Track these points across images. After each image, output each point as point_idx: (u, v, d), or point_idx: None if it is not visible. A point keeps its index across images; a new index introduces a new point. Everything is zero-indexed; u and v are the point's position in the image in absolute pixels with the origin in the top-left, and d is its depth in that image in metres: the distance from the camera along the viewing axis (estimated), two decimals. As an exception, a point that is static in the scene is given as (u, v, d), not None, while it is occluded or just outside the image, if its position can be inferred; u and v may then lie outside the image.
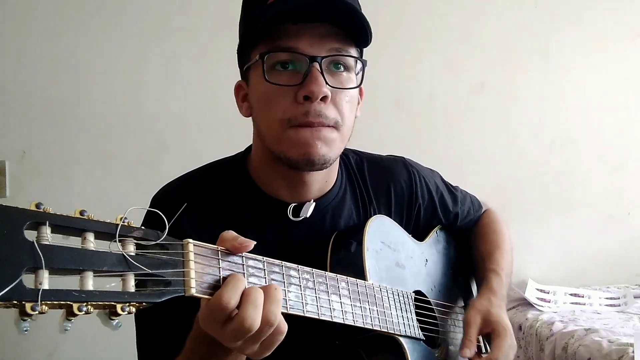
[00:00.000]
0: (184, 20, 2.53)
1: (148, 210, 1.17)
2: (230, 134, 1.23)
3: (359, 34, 1.08)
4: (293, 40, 1.04)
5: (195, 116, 2.52)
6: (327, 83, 1.05)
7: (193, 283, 0.74)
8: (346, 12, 1.04)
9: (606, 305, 2.49)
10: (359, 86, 1.13)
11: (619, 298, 2.54)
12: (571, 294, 2.56)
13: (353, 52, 1.10)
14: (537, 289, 2.59)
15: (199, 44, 2.52)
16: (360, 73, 1.13)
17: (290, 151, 1.07)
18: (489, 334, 1.25)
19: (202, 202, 1.16)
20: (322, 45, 1.05)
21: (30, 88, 2.43)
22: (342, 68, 1.09)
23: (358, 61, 1.11)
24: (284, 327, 0.84)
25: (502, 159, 2.76)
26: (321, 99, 1.04)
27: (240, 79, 1.19)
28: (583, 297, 2.55)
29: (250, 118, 1.16)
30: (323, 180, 1.20)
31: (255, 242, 0.85)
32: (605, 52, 2.83)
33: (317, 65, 1.04)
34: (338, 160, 1.21)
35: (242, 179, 1.20)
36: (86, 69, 2.46)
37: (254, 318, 0.79)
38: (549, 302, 2.51)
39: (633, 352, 1.76)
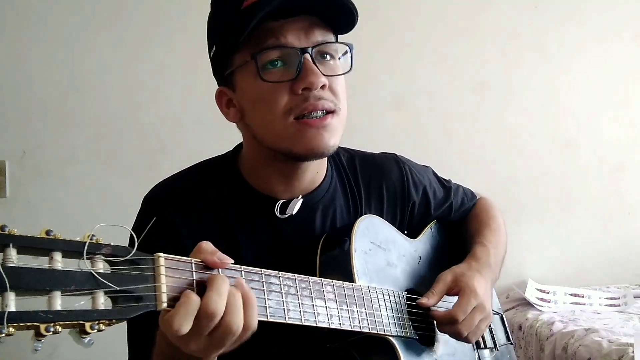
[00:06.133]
0: (184, 20, 2.52)
1: (138, 215, 1.19)
2: (230, 134, 1.24)
3: (343, 20, 1.10)
4: (280, 37, 1.06)
5: (195, 116, 2.51)
6: (321, 72, 1.07)
7: (164, 297, 0.74)
8: (332, 2, 1.07)
9: (606, 305, 2.49)
10: (349, 70, 1.14)
11: (619, 298, 2.53)
12: (571, 294, 2.56)
13: (334, 39, 1.13)
14: (537, 289, 2.59)
15: (198, 44, 2.51)
16: (349, 57, 1.14)
17: (297, 147, 1.09)
18: (457, 294, 1.20)
19: (193, 202, 1.17)
20: (308, 37, 1.08)
21: (30, 88, 2.43)
22: (328, 57, 1.11)
23: (341, 46, 1.13)
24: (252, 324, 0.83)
25: (502, 159, 2.75)
26: (320, 88, 1.06)
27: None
28: (583, 297, 2.54)
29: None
30: (314, 171, 1.21)
31: (233, 261, 0.85)
32: (605, 52, 2.82)
33: (308, 56, 1.06)
34: None
35: (232, 177, 1.20)
36: (86, 69, 2.46)
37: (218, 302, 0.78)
38: (549, 302, 2.50)
39: (633, 352, 1.76)
